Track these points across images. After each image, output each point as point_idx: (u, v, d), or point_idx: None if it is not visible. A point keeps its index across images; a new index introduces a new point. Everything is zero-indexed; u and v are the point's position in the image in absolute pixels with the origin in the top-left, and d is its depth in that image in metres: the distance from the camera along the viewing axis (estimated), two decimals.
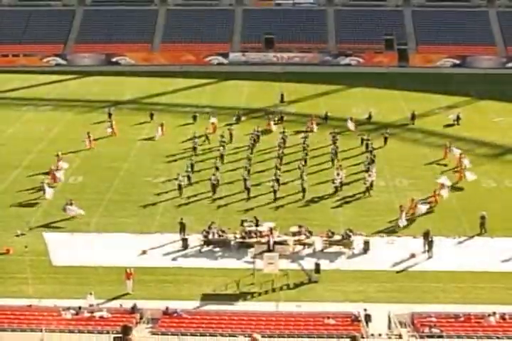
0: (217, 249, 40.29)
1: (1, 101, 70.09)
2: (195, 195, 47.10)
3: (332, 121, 61.57)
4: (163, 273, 37.78)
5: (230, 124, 60.09)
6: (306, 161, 51.84)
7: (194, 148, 54.87)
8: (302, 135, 56.88)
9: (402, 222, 42.23)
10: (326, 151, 54.42)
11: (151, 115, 63.20)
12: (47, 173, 49.77)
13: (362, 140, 56.74)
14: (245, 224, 41.48)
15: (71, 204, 44.20)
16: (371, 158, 51.71)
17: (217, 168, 49.92)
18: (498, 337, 29.20)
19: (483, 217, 41.67)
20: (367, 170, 49.50)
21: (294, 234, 40.45)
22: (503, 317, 31.89)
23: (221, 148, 53.89)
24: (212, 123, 59.81)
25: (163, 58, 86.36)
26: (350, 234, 40.21)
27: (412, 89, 72.58)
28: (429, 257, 39.35)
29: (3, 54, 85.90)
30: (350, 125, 59.40)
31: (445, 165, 52.47)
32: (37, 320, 31.41)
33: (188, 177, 49.02)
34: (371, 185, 47.71)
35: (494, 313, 31.88)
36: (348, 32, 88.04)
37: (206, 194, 47.34)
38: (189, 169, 49.83)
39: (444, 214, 44.57)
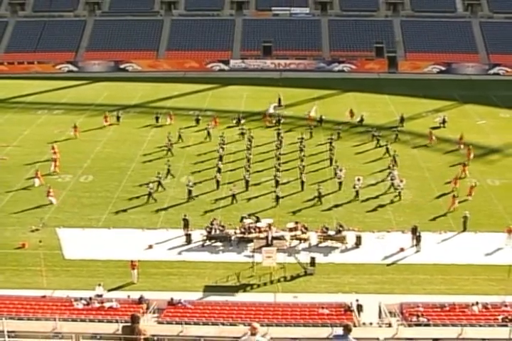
0: (218, 244, 40.26)
1: (17, 105, 70.12)
2: (196, 196, 46.99)
3: (327, 123, 61.54)
4: (168, 266, 37.75)
5: (230, 127, 60.25)
6: (303, 160, 51.69)
7: (169, 150, 54.56)
8: (299, 136, 56.77)
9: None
10: (320, 151, 54.61)
11: (157, 118, 63.18)
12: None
13: (373, 136, 57.42)
14: (245, 220, 41.50)
15: (49, 193, 45.10)
16: (394, 158, 51.32)
17: (219, 169, 49.81)
18: (480, 325, 29.16)
19: (465, 217, 41.73)
20: (390, 173, 48.79)
21: (290, 230, 40.44)
22: (485, 306, 31.90)
23: (220, 149, 53.81)
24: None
25: (168, 65, 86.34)
26: (341, 228, 40.29)
27: (401, 94, 72.68)
28: (417, 251, 39.35)
29: (19, 61, 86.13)
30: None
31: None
32: (51, 309, 31.38)
33: (159, 184, 47.59)
34: (393, 187, 47.12)
35: (477, 303, 31.88)
36: (341, 40, 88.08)
37: (208, 192, 47.34)
38: (160, 175, 48.12)
39: (431, 210, 44.56)
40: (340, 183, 47.62)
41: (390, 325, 29.89)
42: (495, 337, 23.45)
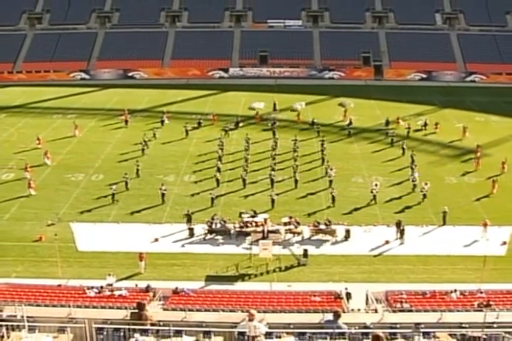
0: (219, 237, 40.28)
1: (34, 110, 70.02)
2: (198, 193, 46.89)
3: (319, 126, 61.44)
4: (172, 258, 37.75)
5: (226, 128, 60.31)
6: (296, 160, 51.60)
7: (143, 150, 54.33)
8: (293, 137, 56.65)
9: None
10: (313, 151, 54.60)
11: (162, 122, 63.15)
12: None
13: (387, 133, 57.91)
14: (243, 215, 41.46)
15: (30, 184, 46.04)
16: (411, 158, 51.02)
17: (218, 169, 49.73)
18: (458, 310, 29.21)
19: (444, 212, 41.77)
20: (412, 174, 48.08)
21: (285, 224, 40.44)
22: (463, 293, 31.94)
23: (220, 150, 53.71)
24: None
25: (172, 73, 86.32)
26: (328, 223, 40.26)
27: (386, 99, 72.72)
28: (401, 243, 39.39)
29: (37, 70, 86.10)
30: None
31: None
32: (65, 297, 31.32)
33: (126, 184, 46.78)
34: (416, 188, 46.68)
35: (455, 290, 31.89)
36: (331, 50, 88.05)
37: (208, 189, 47.25)
38: (127, 176, 47.26)
39: (414, 206, 44.59)
40: (330, 182, 47.55)
41: (376, 311, 29.84)
42: (471, 321, 23.46)
